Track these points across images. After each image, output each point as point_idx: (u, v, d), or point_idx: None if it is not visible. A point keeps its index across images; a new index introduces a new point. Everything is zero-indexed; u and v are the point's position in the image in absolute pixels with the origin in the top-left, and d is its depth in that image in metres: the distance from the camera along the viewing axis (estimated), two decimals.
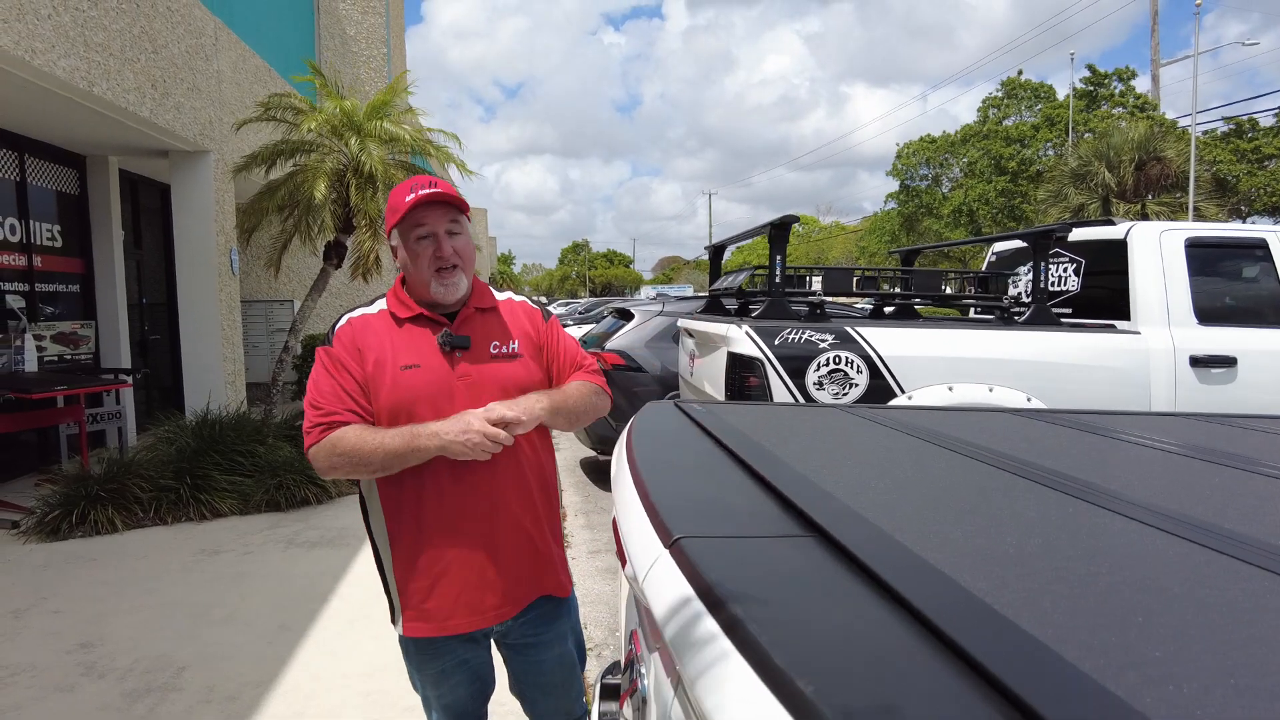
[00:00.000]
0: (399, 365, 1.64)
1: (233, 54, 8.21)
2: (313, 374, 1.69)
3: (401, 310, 1.71)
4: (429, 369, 1.66)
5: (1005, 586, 0.68)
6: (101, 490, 5.05)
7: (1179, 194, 19.76)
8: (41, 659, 3.24)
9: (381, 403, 1.63)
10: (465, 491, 1.65)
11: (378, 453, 1.54)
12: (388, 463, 1.55)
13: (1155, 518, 0.93)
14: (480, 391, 1.66)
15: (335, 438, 1.58)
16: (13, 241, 6.68)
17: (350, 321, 1.72)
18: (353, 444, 1.56)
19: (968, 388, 3.71)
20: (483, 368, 1.70)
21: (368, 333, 1.69)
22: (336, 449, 1.58)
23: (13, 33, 4.59)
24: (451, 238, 1.68)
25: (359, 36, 14.27)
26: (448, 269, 1.67)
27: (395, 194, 1.70)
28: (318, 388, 1.65)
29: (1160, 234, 4.02)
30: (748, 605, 0.63)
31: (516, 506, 1.70)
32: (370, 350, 1.66)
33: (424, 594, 1.66)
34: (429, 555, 1.66)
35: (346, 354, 1.66)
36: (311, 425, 1.62)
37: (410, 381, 1.63)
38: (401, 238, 1.70)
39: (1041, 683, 0.49)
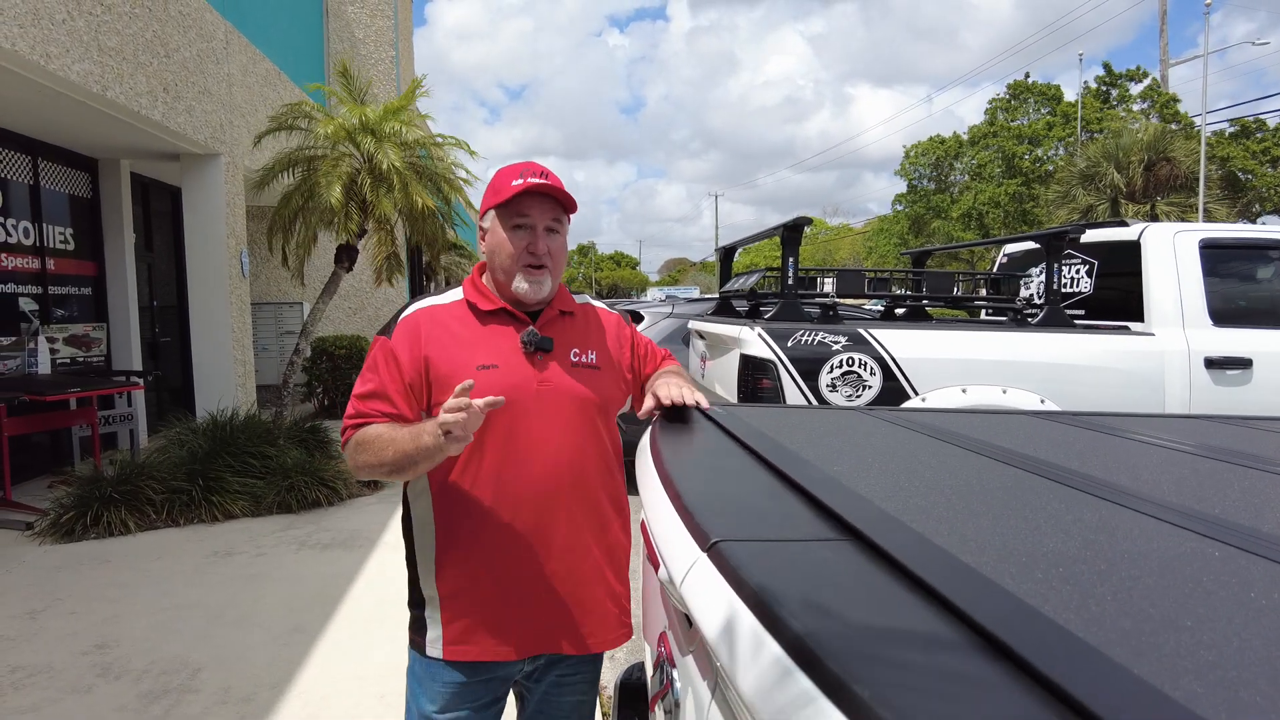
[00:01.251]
0: (475, 364, 1.52)
1: (243, 57, 8.25)
2: (367, 360, 1.59)
3: (483, 302, 1.59)
4: (508, 371, 1.54)
5: (1050, 590, 0.68)
6: (114, 492, 5.08)
7: (1188, 195, 19.67)
8: (58, 660, 3.25)
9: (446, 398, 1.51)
10: (532, 505, 1.54)
11: (388, 451, 1.44)
12: (400, 463, 1.43)
13: (1190, 521, 0.93)
14: (557, 401, 1.56)
15: (360, 436, 1.51)
16: (26, 244, 6.72)
17: (417, 313, 1.58)
18: (370, 441, 1.48)
19: (981, 390, 3.70)
20: (563, 375, 1.59)
21: (435, 327, 1.56)
22: (358, 448, 1.51)
23: (28, 37, 4.62)
24: (549, 236, 1.58)
25: (367, 39, 14.33)
26: (537, 267, 1.56)
27: (501, 175, 1.60)
28: (364, 380, 1.57)
29: (1174, 235, 4.01)
30: (793, 609, 0.63)
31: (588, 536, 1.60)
32: (437, 347, 1.54)
33: (474, 613, 1.53)
34: (484, 573, 1.53)
35: (403, 349, 1.54)
36: (347, 423, 1.56)
37: (486, 383, 1.48)
38: (498, 221, 1.58)
39: (1101, 687, 0.49)
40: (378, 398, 1.53)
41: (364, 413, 1.53)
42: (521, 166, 1.59)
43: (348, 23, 14.05)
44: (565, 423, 1.57)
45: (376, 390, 1.53)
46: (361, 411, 1.54)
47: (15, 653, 3.32)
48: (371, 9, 14.34)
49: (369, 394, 1.54)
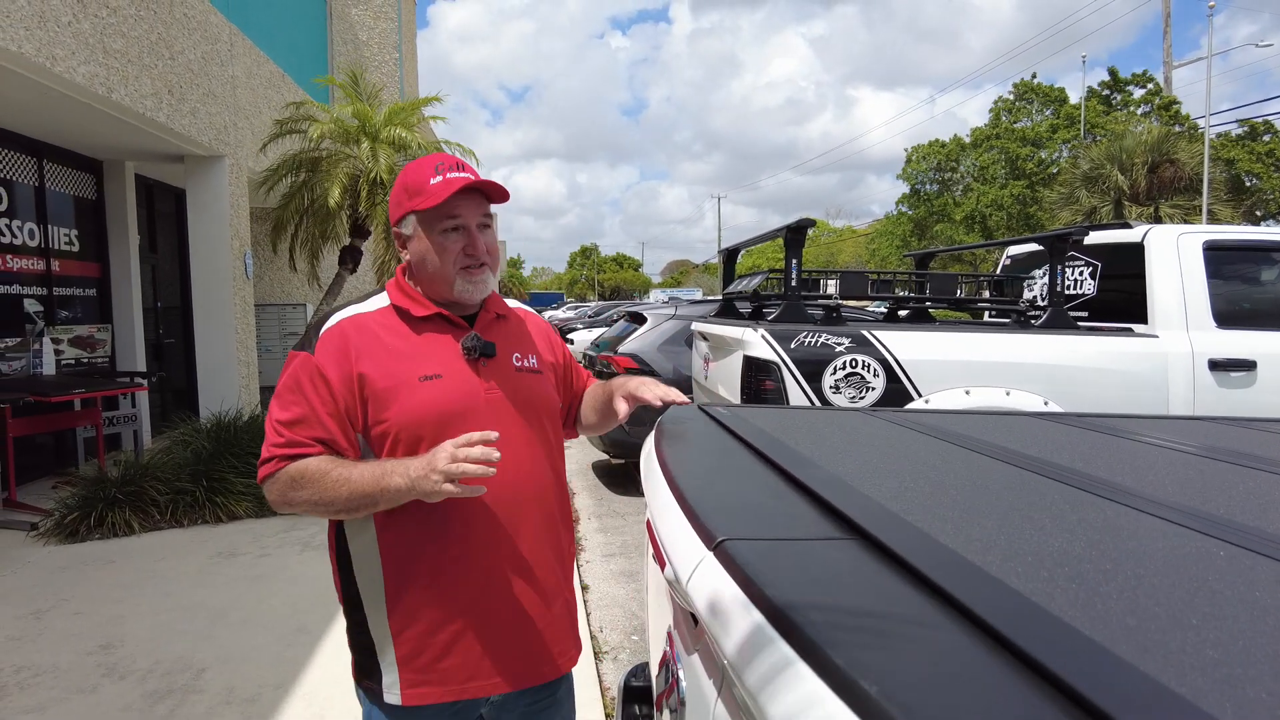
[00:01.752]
0: (418, 375, 1.38)
1: (247, 60, 8.28)
2: (282, 383, 1.39)
3: (416, 308, 1.45)
4: (453, 380, 1.41)
5: (1056, 588, 0.68)
6: (119, 493, 5.09)
7: (1192, 196, 19.65)
8: (63, 660, 3.26)
9: (395, 422, 1.36)
10: (493, 527, 1.42)
11: (341, 491, 1.28)
12: (353, 504, 1.29)
13: (1195, 520, 0.93)
14: (507, 409, 1.45)
15: (296, 470, 1.32)
16: (31, 246, 6.76)
17: (341, 323, 1.42)
18: (315, 478, 1.30)
19: (985, 391, 3.70)
20: (508, 381, 1.48)
21: (365, 337, 1.40)
22: (294, 484, 1.32)
23: (34, 40, 4.64)
24: (483, 232, 1.46)
25: (371, 42, 14.36)
26: (477, 266, 1.44)
27: (415, 173, 1.44)
28: (285, 403, 1.37)
29: (1178, 237, 4.00)
30: (801, 607, 0.63)
31: (549, 551, 1.50)
32: (372, 359, 1.38)
33: (438, 649, 1.39)
34: (446, 604, 1.39)
35: (332, 365, 1.37)
36: (270, 454, 1.36)
37: (432, 396, 1.37)
38: (422, 226, 1.44)
39: (1107, 683, 0.49)
40: (307, 424, 1.35)
41: (295, 441, 1.34)
42: (434, 161, 1.45)
43: (352, 25, 14.09)
44: (519, 431, 1.45)
45: (305, 415, 1.35)
46: (292, 440, 1.34)
47: (21, 652, 3.33)
48: (375, 11, 14.38)
49: (296, 420, 1.35)
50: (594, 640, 3.58)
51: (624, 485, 6.87)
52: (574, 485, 6.91)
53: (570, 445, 8.75)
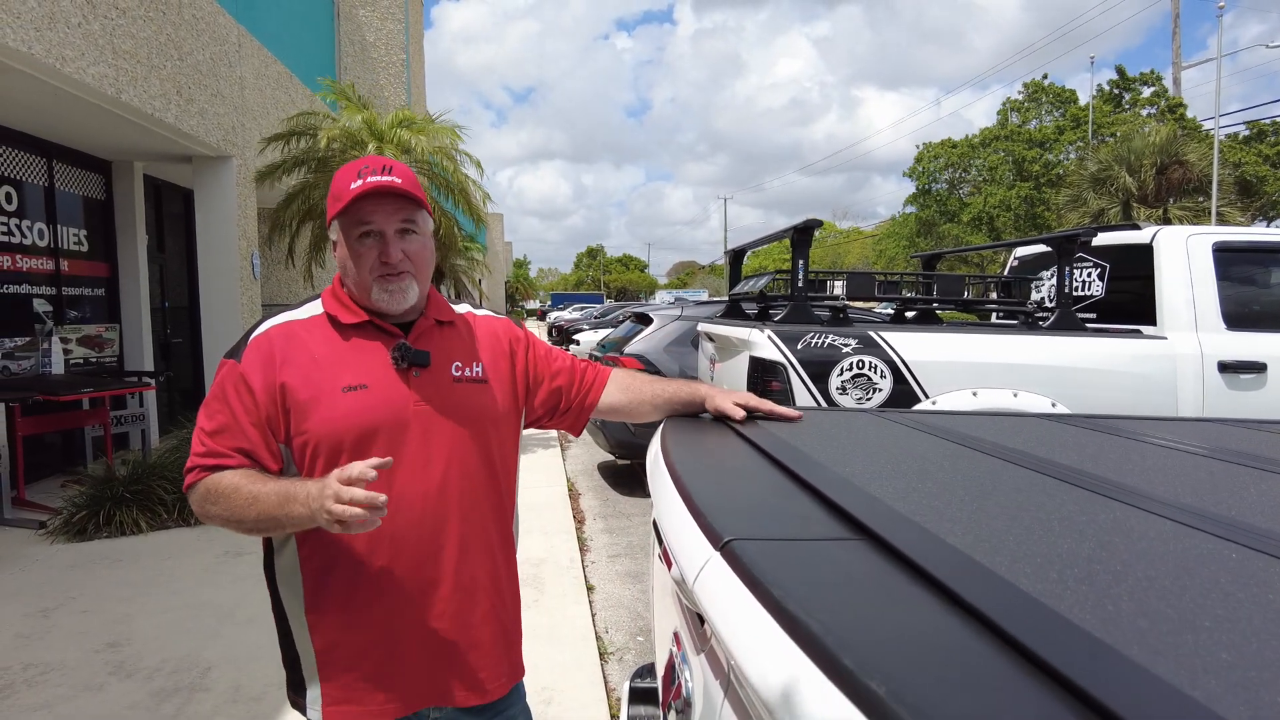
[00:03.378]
0: (340, 385, 1.34)
1: (255, 61, 8.31)
2: (210, 391, 1.37)
3: (345, 315, 1.40)
4: (379, 391, 1.35)
5: (1066, 589, 0.67)
6: (126, 491, 5.11)
7: (1201, 198, 19.56)
8: (71, 658, 3.28)
9: (315, 434, 1.32)
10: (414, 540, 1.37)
11: (250, 510, 1.24)
12: (260, 524, 1.25)
13: (1206, 523, 0.92)
14: (437, 422, 1.39)
15: (212, 484, 1.29)
16: (41, 246, 6.79)
17: (270, 330, 1.38)
18: (226, 494, 1.27)
19: (992, 393, 3.69)
20: (443, 393, 1.41)
21: (293, 346, 1.36)
22: (209, 497, 1.29)
23: (44, 41, 4.67)
24: (403, 238, 1.39)
25: (378, 43, 14.40)
26: (394, 274, 1.38)
27: (340, 177, 1.39)
28: (210, 412, 1.35)
29: (1187, 238, 3.98)
30: (808, 607, 0.63)
31: (477, 571, 1.43)
32: (294, 369, 1.34)
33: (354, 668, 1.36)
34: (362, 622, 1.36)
35: (256, 374, 1.33)
36: (193, 464, 1.33)
37: (355, 407, 1.33)
38: (342, 232, 1.40)
39: (1119, 685, 0.49)
40: (229, 433, 1.32)
41: (216, 452, 1.32)
42: (360, 164, 1.39)
43: (359, 26, 14.13)
44: (449, 446, 1.39)
45: (227, 424, 1.33)
46: (213, 450, 1.32)
47: (29, 650, 3.35)
48: (383, 12, 14.42)
49: (219, 429, 1.33)
50: (599, 641, 3.58)
51: (630, 486, 6.87)
52: (579, 486, 6.91)
53: (576, 445, 8.76)
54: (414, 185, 1.39)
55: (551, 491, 6.25)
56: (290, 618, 1.40)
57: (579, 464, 7.88)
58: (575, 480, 7.10)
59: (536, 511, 5.58)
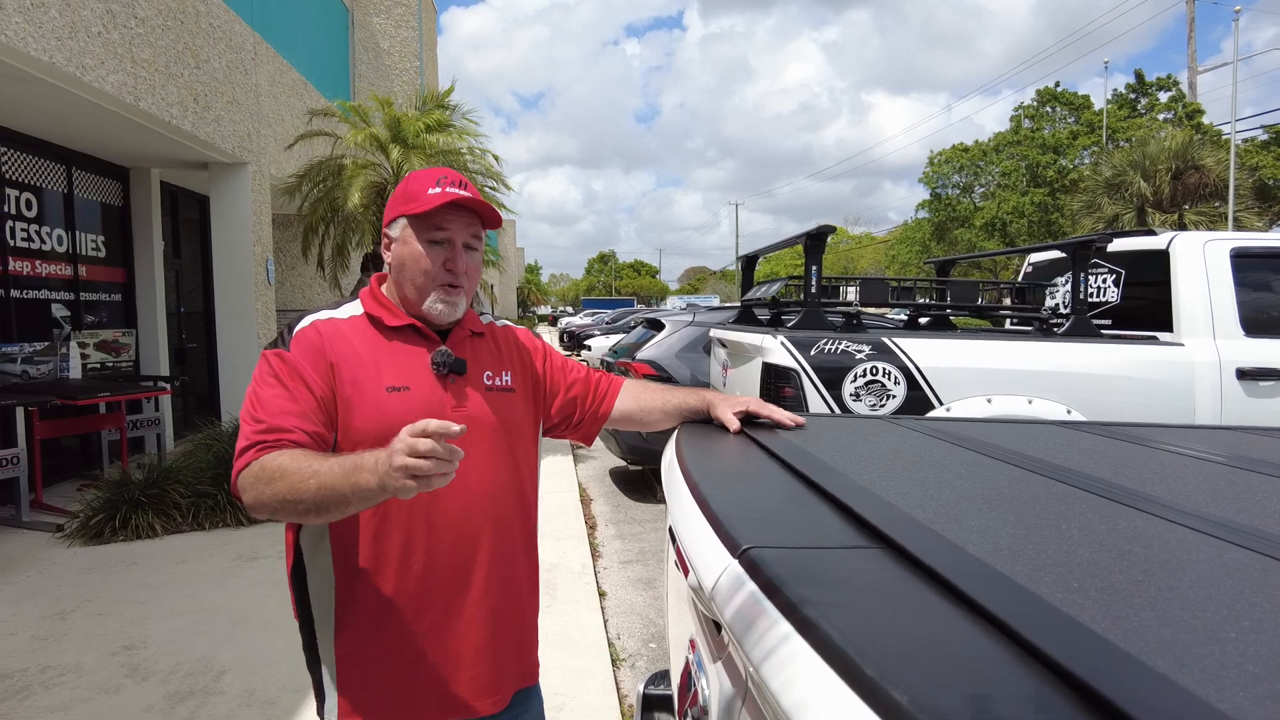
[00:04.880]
0: (384, 385, 1.35)
1: (270, 68, 8.38)
2: (255, 381, 1.34)
3: (389, 317, 1.42)
4: (420, 394, 1.36)
5: (1088, 599, 0.67)
6: (142, 495, 5.15)
7: (1218, 203, 19.39)
8: (87, 660, 3.30)
9: (359, 432, 1.31)
10: (448, 549, 1.36)
11: (309, 482, 1.15)
12: (322, 500, 1.14)
13: (1229, 532, 0.91)
14: (474, 430, 1.37)
15: (268, 460, 1.22)
16: (60, 251, 6.87)
17: (316, 324, 1.40)
18: (284, 469, 1.18)
19: (1007, 400, 3.67)
20: (477, 401, 1.43)
21: (339, 341, 1.37)
22: (264, 476, 1.20)
23: (65, 50, 4.73)
24: (467, 253, 1.43)
25: (392, 50, 14.50)
26: (453, 286, 1.41)
27: (417, 180, 1.42)
28: (259, 399, 1.30)
29: (1204, 244, 3.95)
30: (828, 615, 0.63)
31: (504, 579, 1.44)
32: (343, 363, 1.35)
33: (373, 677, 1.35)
34: (387, 630, 1.34)
35: (308, 362, 1.33)
36: (248, 443, 1.26)
37: (397, 407, 1.32)
38: (412, 232, 1.41)
39: (1145, 696, 0.49)
40: (287, 414, 1.28)
41: (275, 427, 1.26)
42: (438, 173, 1.42)
43: (373, 33, 14.23)
44: (483, 454, 1.40)
45: (284, 405, 1.29)
46: (273, 427, 1.26)
47: (46, 652, 3.37)
48: (396, 20, 14.52)
49: (275, 410, 1.28)
50: (611, 647, 3.57)
51: (642, 492, 6.86)
52: (591, 492, 6.91)
53: (589, 452, 8.76)
54: (489, 205, 1.43)
55: (563, 497, 6.25)
56: (317, 622, 1.38)
57: (591, 469, 7.88)
58: (587, 486, 7.10)
59: (548, 517, 5.58)
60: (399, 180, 6.77)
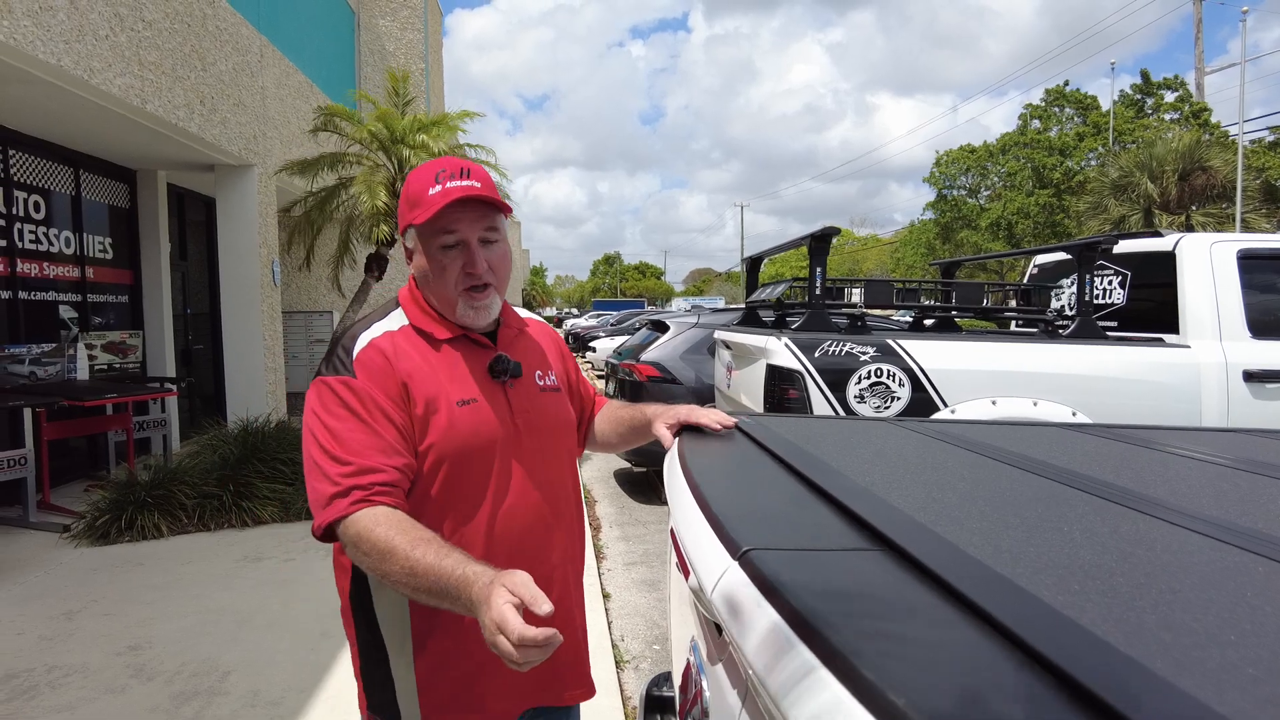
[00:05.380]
0: (454, 400, 1.28)
1: (276, 70, 8.42)
2: (320, 414, 1.22)
3: (439, 330, 1.34)
4: (486, 405, 1.31)
5: (1088, 602, 0.67)
6: (148, 496, 5.18)
7: (1225, 204, 19.30)
8: (93, 660, 3.31)
9: (438, 449, 1.25)
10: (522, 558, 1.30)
11: (405, 581, 1.07)
12: (409, 583, 1.07)
13: (1232, 535, 0.91)
14: (535, 434, 1.36)
15: (363, 528, 1.11)
16: (67, 254, 6.91)
17: (375, 344, 1.28)
18: (381, 552, 1.08)
19: (1012, 402, 3.65)
20: (534, 404, 1.39)
21: (404, 359, 1.28)
22: (361, 544, 1.11)
23: (73, 53, 4.76)
24: (486, 248, 1.32)
25: (398, 52, 14.54)
26: (479, 288, 1.32)
27: (416, 181, 1.32)
28: (336, 436, 1.19)
29: (1211, 245, 3.93)
30: (827, 617, 0.62)
31: (571, 577, 1.44)
32: (413, 381, 1.26)
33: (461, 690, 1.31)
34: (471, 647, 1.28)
35: (380, 389, 1.23)
36: (337, 489, 1.15)
37: (471, 422, 1.27)
38: (421, 241, 1.33)
39: (1144, 698, 0.48)
40: (372, 451, 1.18)
41: (365, 469, 1.16)
42: (437, 167, 1.31)
43: (379, 36, 14.28)
44: (548, 456, 1.40)
45: (366, 442, 1.18)
46: (362, 468, 1.16)
47: (52, 652, 3.39)
48: (402, 22, 14.56)
49: (355, 449, 1.17)
50: (615, 649, 3.57)
51: (645, 493, 6.86)
52: (595, 493, 6.91)
53: (592, 453, 8.76)
54: (493, 188, 1.33)
55: None
56: (392, 652, 1.30)
57: (595, 471, 7.88)
58: (591, 487, 7.10)
59: None
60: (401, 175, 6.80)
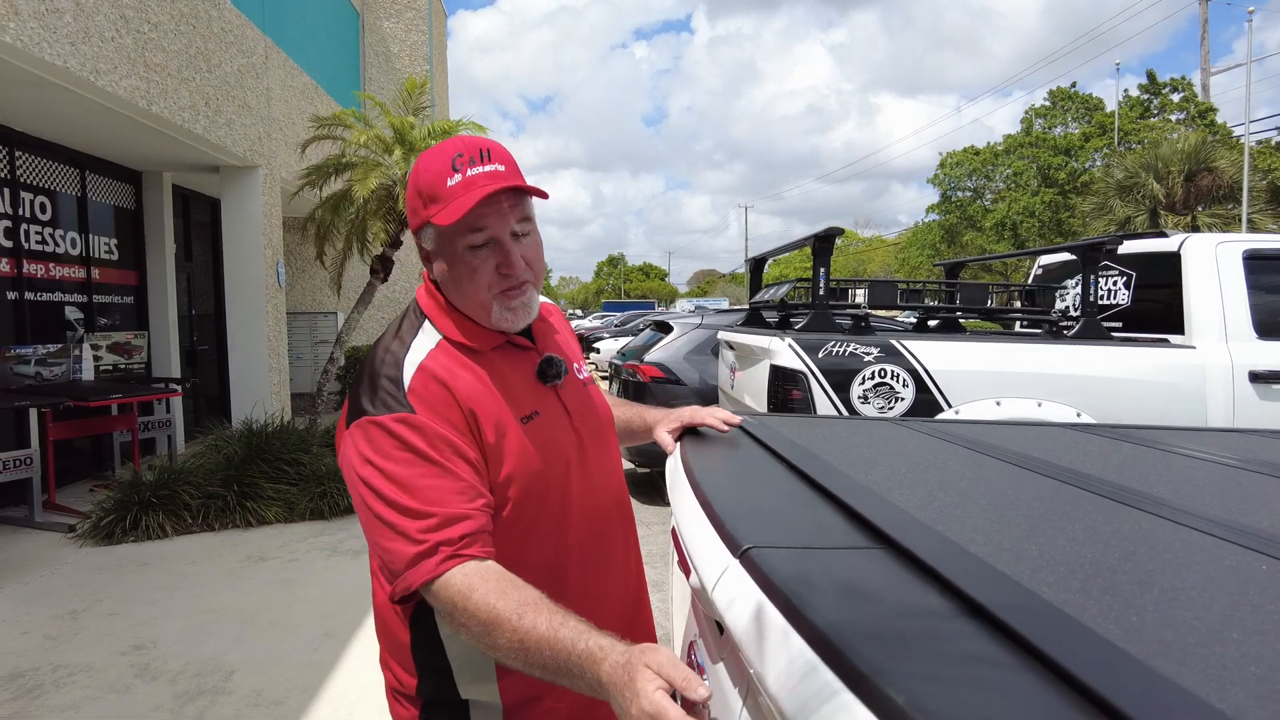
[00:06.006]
0: (519, 417, 1.14)
1: (281, 72, 8.44)
2: (381, 463, 1.04)
3: (478, 339, 1.17)
4: (548, 415, 1.19)
5: (1089, 599, 0.67)
6: (153, 497, 5.19)
7: (1232, 205, 19.24)
8: (98, 659, 3.32)
9: (514, 476, 1.11)
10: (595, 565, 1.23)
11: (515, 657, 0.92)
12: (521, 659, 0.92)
13: (1235, 534, 0.90)
14: (592, 435, 1.25)
15: (456, 592, 0.96)
16: (73, 254, 6.93)
17: (426, 369, 1.11)
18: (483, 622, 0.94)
19: (1016, 403, 3.65)
20: (582, 401, 1.28)
21: (461, 383, 1.11)
22: (456, 612, 0.96)
23: (79, 55, 4.77)
24: (519, 242, 1.15)
25: (402, 54, 14.57)
26: (516, 288, 1.15)
27: (429, 168, 1.13)
28: (406, 485, 1.02)
29: (1216, 246, 3.92)
30: (827, 614, 0.62)
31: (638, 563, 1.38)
32: (477, 406, 1.11)
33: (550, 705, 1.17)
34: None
35: (446, 422, 1.06)
36: (421, 547, 0.99)
37: (540, 438, 1.15)
38: (441, 242, 1.15)
39: (1143, 695, 0.48)
40: (451, 496, 1.02)
41: (449, 518, 1.00)
42: (452, 150, 1.12)
43: (384, 38, 14.31)
44: (604, 453, 1.28)
45: (444, 486, 1.02)
46: (446, 519, 1.00)
47: (57, 651, 3.40)
48: (407, 24, 14.59)
49: (436, 497, 1.01)
50: None
51: (650, 494, 6.86)
52: None
53: None
54: (518, 170, 1.16)
55: None
56: (462, 677, 1.14)
57: None
58: None
59: None
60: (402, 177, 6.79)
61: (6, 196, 6.09)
